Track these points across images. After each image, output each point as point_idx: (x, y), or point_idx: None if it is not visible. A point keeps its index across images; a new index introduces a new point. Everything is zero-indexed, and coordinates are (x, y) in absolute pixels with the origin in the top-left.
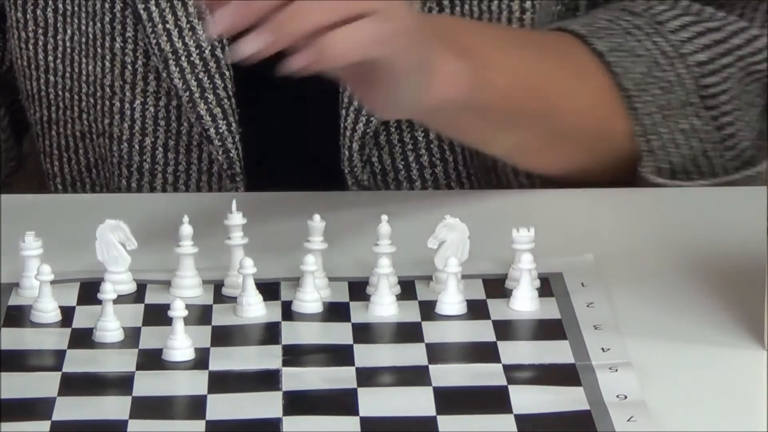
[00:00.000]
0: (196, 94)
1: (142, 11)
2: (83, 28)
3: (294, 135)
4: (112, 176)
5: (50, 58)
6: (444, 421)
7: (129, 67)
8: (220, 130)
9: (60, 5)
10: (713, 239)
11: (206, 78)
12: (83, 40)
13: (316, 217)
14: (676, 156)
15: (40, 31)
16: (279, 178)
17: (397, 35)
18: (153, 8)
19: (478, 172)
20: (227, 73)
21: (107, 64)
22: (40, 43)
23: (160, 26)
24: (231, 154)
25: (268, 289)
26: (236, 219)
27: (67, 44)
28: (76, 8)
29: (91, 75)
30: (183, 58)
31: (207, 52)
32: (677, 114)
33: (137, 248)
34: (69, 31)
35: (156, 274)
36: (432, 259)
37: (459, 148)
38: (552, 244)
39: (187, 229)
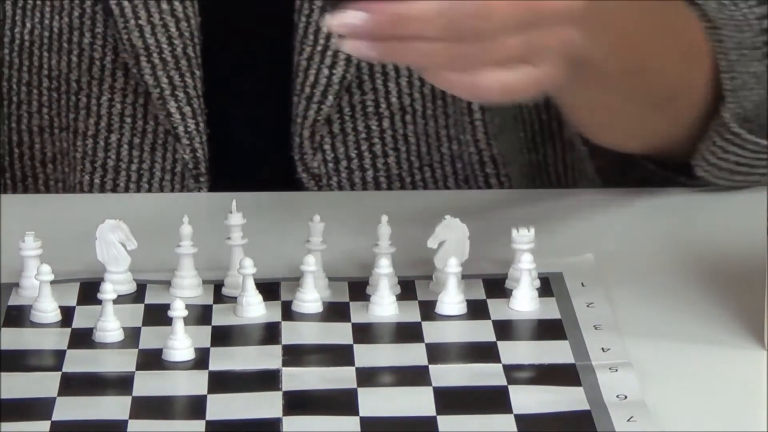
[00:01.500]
0: (167, 91)
1: (114, 6)
2: (46, 22)
3: (250, 131)
4: (72, 171)
5: (6, 50)
6: (444, 421)
7: (97, 62)
8: (189, 129)
9: None
10: (713, 239)
11: (177, 75)
12: (45, 34)
13: (316, 217)
14: (748, 101)
15: None
16: (237, 176)
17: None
18: (125, 4)
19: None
20: (197, 73)
21: (74, 59)
22: None
23: (132, 22)
24: (198, 154)
25: (268, 289)
26: (236, 219)
27: (26, 37)
28: (38, 2)
29: (54, 69)
30: (155, 54)
31: (179, 49)
32: (750, 55)
33: (137, 248)
34: (29, 25)
35: (156, 274)
36: (432, 259)
37: (413, 139)
38: (552, 244)
39: (187, 229)
